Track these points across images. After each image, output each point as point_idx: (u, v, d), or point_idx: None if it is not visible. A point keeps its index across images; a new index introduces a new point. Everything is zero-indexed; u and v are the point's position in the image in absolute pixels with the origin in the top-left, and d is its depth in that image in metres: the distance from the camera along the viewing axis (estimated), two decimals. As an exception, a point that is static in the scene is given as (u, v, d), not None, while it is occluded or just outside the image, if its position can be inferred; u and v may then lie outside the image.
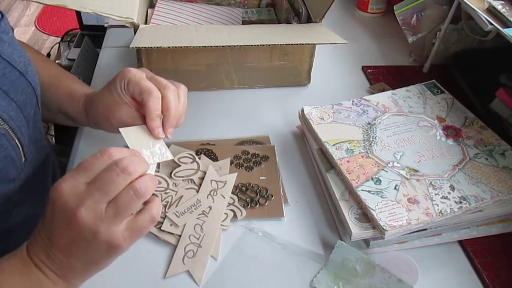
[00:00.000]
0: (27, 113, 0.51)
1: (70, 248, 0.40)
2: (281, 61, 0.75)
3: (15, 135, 0.48)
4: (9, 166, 0.48)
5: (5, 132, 0.47)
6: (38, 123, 0.55)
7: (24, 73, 0.51)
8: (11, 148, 0.47)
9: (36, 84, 0.54)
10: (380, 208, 0.51)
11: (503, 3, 0.65)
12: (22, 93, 0.50)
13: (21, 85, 0.50)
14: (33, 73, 0.53)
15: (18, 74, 0.50)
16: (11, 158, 0.48)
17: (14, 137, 0.48)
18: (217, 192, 0.57)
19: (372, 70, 0.83)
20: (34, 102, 0.53)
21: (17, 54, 0.51)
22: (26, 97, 0.51)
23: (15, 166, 0.49)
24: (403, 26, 0.81)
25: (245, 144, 0.66)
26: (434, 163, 0.57)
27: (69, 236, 0.39)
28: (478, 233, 0.54)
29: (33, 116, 0.53)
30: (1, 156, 0.46)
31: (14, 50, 0.50)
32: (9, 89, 0.48)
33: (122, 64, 0.82)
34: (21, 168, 0.50)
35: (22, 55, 0.52)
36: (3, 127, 0.46)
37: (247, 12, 0.91)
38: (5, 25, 0.50)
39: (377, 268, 0.49)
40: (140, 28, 0.64)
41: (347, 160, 0.57)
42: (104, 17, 0.62)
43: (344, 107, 0.66)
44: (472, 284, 0.51)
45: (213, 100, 0.75)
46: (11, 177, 0.48)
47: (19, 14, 2.68)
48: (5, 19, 0.51)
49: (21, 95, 0.50)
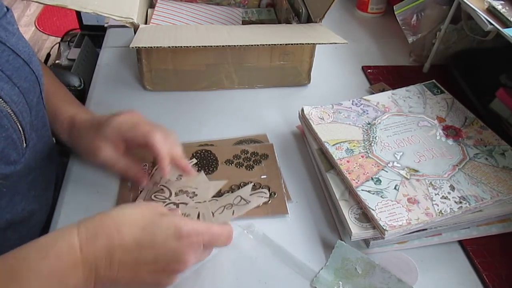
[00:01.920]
0: (30, 100, 0.52)
1: (144, 274, 0.41)
2: (281, 61, 0.75)
3: (17, 118, 0.49)
4: (10, 148, 0.48)
5: (7, 114, 0.47)
6: (41, 112, 0.56)
7: (28, 62, 0.52)
8: (12, 130, 0.48)
9: (40, 74, 0.55)
10: (380, 208, 0.51)
11: (503, 3, 0.65)
12: (25, 80, 0.51)
13: (25, 73, 0.51)
14: (37, 64, 0.54)
15: (22, 62, 0.51)
16: (12, 140, 0.48)
17: (16, 120, 0.49)
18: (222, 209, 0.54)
19: (372, 70, 0.83)
20: (38, 91, 0.54)
21: (21, 45, 0.52)
22: (30, 84, 0.52)
23: (15, 149, 0.49)
24: (403, 26, 0.81)
25: (243, 144, 0.66)
26: (434, 163, 0.57)
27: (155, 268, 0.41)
28: (478, 233, 0.54)
29: (36, 105, 0.54)
30: (2, 136, 0.46)
31: (19, 41, 0.51)
32: (12, 74, 0.49)
33: (122, 64, 0.82)
34: (22, 152, 0.50)
35: (26, 46, 0.53)
36: (5, 109, 0.47)
37: (247, 12, 0.91)
38: (10, 17, 0.52)
39: (377, 268, 0.49)
40: (140, 28, 0.64)
41: (347, 160, 0.57)
42: (104, 17, 0.62)
43: (344, 107, 0.66)
44: (472, 284, 0.51)
45: (213, 100, 0.75)
46: (11, 159, 0.49)
47: (19, 14, 2.68)
48: (10, 12, 0.52)
49: (25, 82, 0.51)
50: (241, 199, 0.53)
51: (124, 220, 0.40)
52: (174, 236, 0.41)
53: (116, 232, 0.40)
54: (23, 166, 0.51)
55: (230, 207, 0.52)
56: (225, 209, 0.52)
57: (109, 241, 0.39)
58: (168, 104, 0.73)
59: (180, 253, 0.41)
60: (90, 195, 0.58)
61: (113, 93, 0.75)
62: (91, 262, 0.38)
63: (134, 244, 0.40)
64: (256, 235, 0.54)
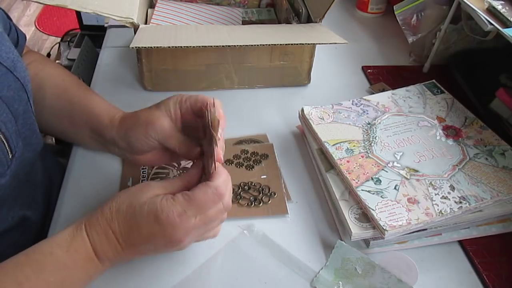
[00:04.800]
0: (14, 109, 0.50)
1: (146, 252, 0.47)
2: (281, 61, 0.75)
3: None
4: None
5: None
6: (29, 120, 0.54)
7: (11, 69, 0.50)
8: None
9: (26, 80, 0.53)
10: (380, 208, 0.51)
11: (503, 3, 0.65)
12: (8, 89, 0.49)
13: (8, 81, 0.49)
14: (23, 70, 0.52)
15: (4, 70, 0.49)
16: None
17: None
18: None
19: (372, 70, 0.83)
20: (24, 99, 0.52)
21: (4, 50, 0.50)
22: (14, 93, 0.50)
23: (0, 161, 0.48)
24: (403, 26, 0.81)
25: (243, 143, 0.66)
26: (434, 163, 0.57)
27: (156, 247, 0.46)
28: (478, 233, 0.54)
29: (23, 113, 0.52)
30: None
31: (1, 46, 0.49)
32: None
33: (122, 64, 0.82)
34: (7, 164, 0.49)
35: (10, 51, 0.51)
36: None
37: (247, 12, 0.91)
38: None
39: (377, 268, 0.49)
40: (140, 28, 0.64)
41: (347, 160, 0.57)
42: (104, 17, 0.62)
43: (344, 107, 0.66)
44: (472, 284, 0.51)
45: (213, 100, 0.75)
46: None
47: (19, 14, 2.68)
48: None
49: (8, 91, 0.49)
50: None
51: (113, 216, 0.45)
52: (156, 224, 0.43)
53: (109, 228, 0.44)
54: (9, 178, 0.49)
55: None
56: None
57: (108, 237, 0.44)
58: (168, 104, 0.73)
59: (169, 237, 0.44)
60: (90, 195, 0.58)
61: (113, 93, 0.75)
62: (101, 253, 0.44)
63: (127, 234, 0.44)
64: (256, 235, 0.54)
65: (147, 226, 0.43)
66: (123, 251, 0.45)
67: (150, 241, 0.44)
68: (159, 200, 0.43)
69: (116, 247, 0.44)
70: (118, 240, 0.44)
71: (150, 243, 0.45)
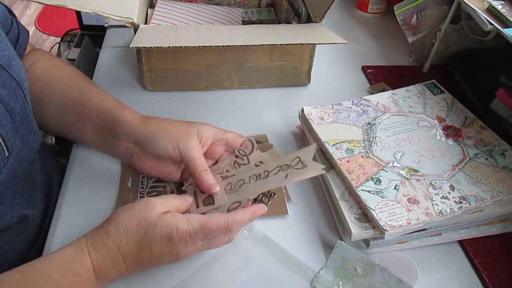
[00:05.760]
0: (10, 108, 0.49)
1: (149, 268, 0.48)
2: (281, 61, 0.75)
3: None
4: None
5: None
6: (27, 118, 0.53)
7: (6, 67, 0.49)
8: None
9: (22, 78, 0.52)
10: (380, 208, 0.51)
11: (503, 3, 0.65)
12: (3, 87, 0.49)
13: (2, 79, 0.49)
14: (18, 68, 0.52)
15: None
16: None
17: None
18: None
19: (372, 70, 0.83)
20: (21, 97, 0.52)
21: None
22: (9, 91, 0.49)
23: None
24: (403, 26, 0.81)
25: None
26: (434, 163, 0.57)
27: (160, 264, 0.47)
28: (478, 233, 0.54)
29: (21, 112, 0.51)
30: None
31: None
32: None
33: (122, 64, 0.82)
34: (4, 162, 0.48)
35: (6, 48, 0.50)
36: None
37: (247, 12, 0.91)
38: None
39: (377, 268, 0.49)
40: (140, 28, 0.64)
41: (347, 160, 0.57)
42: (104, 17, 0.62)
43: (344, 107, 0.66)
44: (472, 284, 0.51)
45: (213, 100, 0.75)
46: None
47: (19, 14, 2.68)
48: None
49: (2, 89, 0.48)
50: (299, 161, 0.51)
51: (121, 238, 0.45)
52: (169, 244, 0.45)
53: (118, 252, 0.45)
54: (6, 176, 0.49)
55: (286, 168, 0.51)
56: (281, 170, 0.51)
57: (115, 260, 0.45)
58: (168, 104, 0.73)
59: (176, 255, 0.46)
60: (90, 195, 0.58)
61: (113, 93, 0.74)
62: (103, 276, 0.45)
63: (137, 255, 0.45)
64: (256, 235, 0.54)
65: (159, 246, 0.45)
66: (127, 271, 0.46)
67: (158, 260, 0.46)
68: (172, 222, 0.45)
69: (122, 268, 0.45)
70: (125, 262, 0.45)
71: (158, 261, 0.46)
